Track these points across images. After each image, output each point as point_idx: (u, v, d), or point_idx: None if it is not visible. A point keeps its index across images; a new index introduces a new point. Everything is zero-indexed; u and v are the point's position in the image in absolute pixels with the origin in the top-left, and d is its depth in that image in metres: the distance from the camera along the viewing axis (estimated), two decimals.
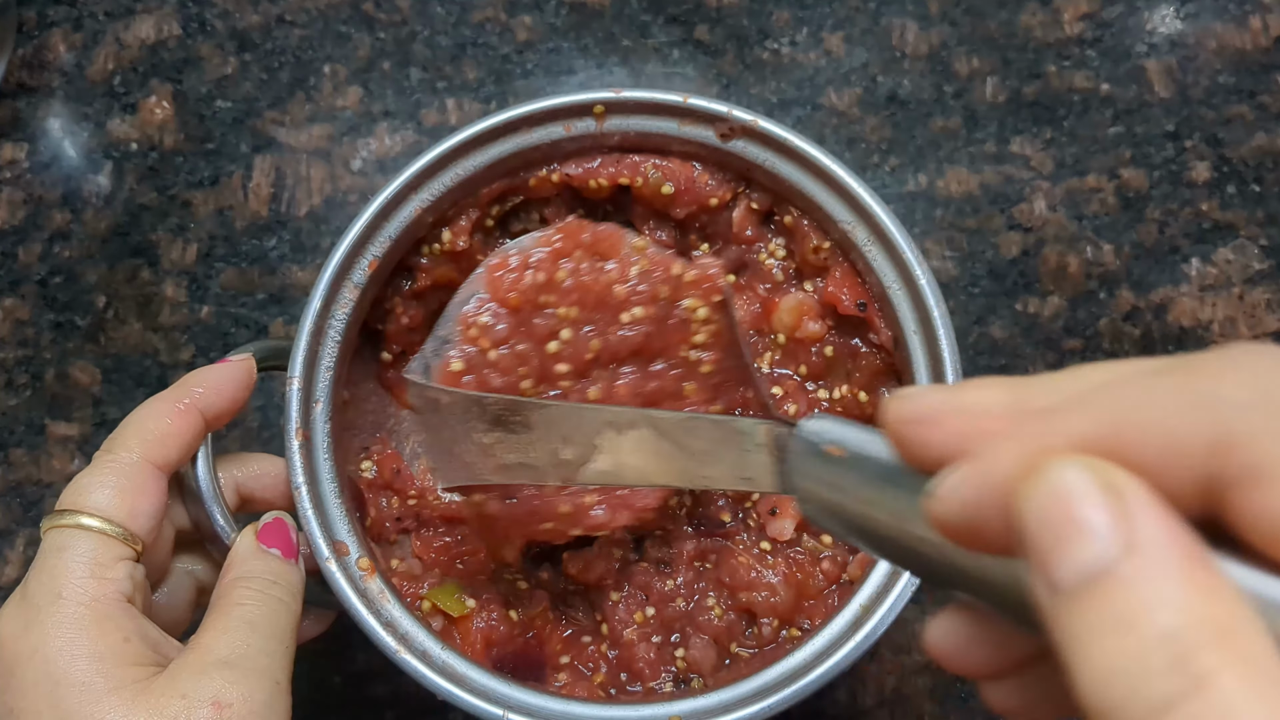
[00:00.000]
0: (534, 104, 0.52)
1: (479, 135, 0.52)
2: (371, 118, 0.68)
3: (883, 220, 0.51)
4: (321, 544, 0.48)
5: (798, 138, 0.52)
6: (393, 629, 0.48)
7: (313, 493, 0.49)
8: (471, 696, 0.46)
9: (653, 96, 0.52)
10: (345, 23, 0.70)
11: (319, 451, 0.50)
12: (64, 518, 0.42)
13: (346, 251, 0.51)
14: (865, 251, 0.51)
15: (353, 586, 0.48)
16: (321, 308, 0.51)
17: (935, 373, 0.50)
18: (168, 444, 0.44)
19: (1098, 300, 0.64)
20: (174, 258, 0.66)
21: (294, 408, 0.49)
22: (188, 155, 0.68)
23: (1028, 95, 0.67)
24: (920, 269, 0.50)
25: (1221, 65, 0.68)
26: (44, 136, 0.69)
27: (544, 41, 0.69)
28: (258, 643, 0.42)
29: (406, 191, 0.52)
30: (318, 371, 0.51)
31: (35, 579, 0.41)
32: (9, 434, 0.64)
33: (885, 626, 0.47)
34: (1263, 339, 0.64)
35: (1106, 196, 0.66)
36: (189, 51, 0.70)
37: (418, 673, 0.47)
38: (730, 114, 0.52)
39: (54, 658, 0.39)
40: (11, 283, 0.66)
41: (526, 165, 0.54)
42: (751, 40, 0.69)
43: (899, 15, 0.69)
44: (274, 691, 0.41)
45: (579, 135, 0.53)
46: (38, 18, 0.70)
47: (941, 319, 0.50)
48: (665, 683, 0.51)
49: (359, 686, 0.60)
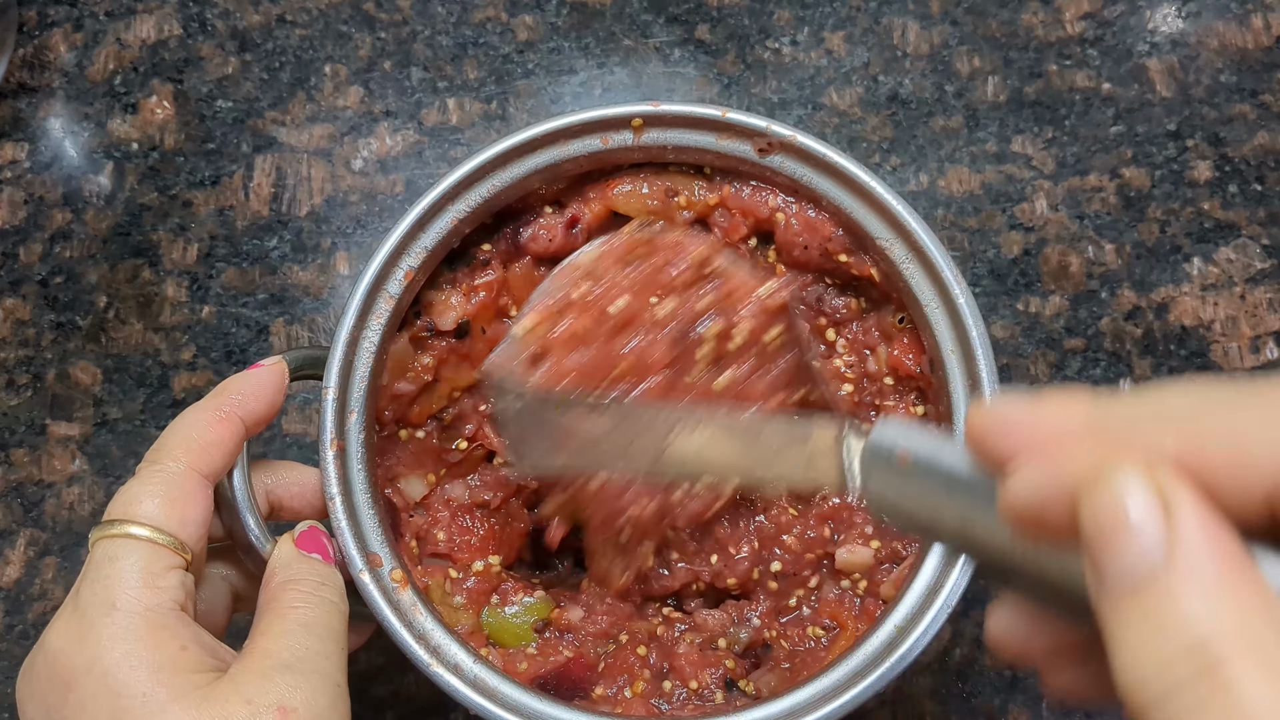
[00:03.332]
0: (572, 116, 0.52)
1: (517, 147, 0.52)
2: (372, 117, 0.68)
3: (921, 238, 0.50)
4: (355, 555, 0.48)
5: (837, 154, 0.51)
6: (425, 641, 0.47)
7: (347, 503, 0.49)
8: (504, 712, 0.46)
9: (691, 110, 0.52)
10: (346, 22, 0.70)
11: (353, 462, 0.50)
12: (114, 528, 0.42)
13: (383, 261, 0.51)
14: (903, 269, 0.51)
15: (385, 598, 0.48)
16: (357, 318, 0.50)
17: (972, 395, 0.49)
18: (212, 452, 0.44)
19: (1099, 299, 0.64)
20: (175, 258, 0.66)
21: (329, 418, 0.49)
22: (188, 155, 0.68)
23: (1029, 94, 0.67)
24: (959, 287, 0.49)
25: (1223, 64, 0.68)
26: (45, 136, 0.69)
27: (545, 41, 0.69)
28: (315, 645, 0.42)
29: (444, 202, 0.52)
30: (353, 381, 0.50)
31: (88, 590, 0.40)
32: (10, 434, 0.64)
33: (920, 649, 0.46)
34: (1264, 339, 0.64)
35: (1108, 196, 0.66)
36: (190, 51, 0.70)
37: (451, 687, 0.46)
38: (769, 129, 0.51)
39: (113, 670, 0.38)
40: (12, 283, 0.66)
41: (561, 178, 0.54)
42: (752, 40, 0.69)
43: (900, 14, 0.69)
44: (336, 694, 0.41)
45: (616, 148, 0.53)
46: (38, 17, 0.70)
47: (980, 338, 0.49)
48: (715, 690, 0.51)
49: (359, 686, 0.60)
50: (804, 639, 0.52)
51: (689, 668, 0.51)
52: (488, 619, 0.52)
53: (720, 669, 0.51)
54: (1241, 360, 0.63)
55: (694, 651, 0.51)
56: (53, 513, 0.63)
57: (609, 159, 0.54)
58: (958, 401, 0.50)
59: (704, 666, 0.51)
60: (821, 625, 0.52)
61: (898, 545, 0.52)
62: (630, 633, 0.52)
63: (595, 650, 0.52)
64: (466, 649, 0.48)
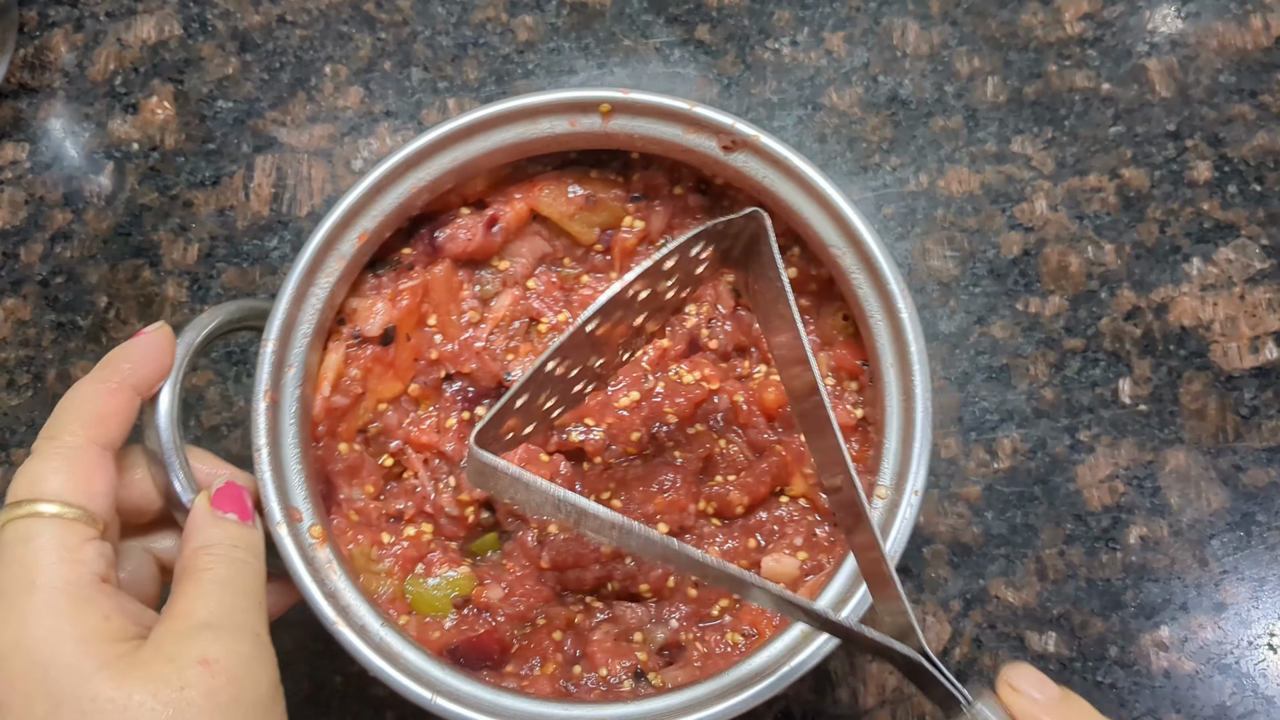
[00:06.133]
0: (540, 96, 0.52)
1: (482, 121, 0.52)
2: (373, 118, 0.68)
3: (873, 249, 0.50)
4: (275, 508, 0.48)
5: (797, 157, 0.51)
6: (335, 600, 0.47)
7: (274, 455, 0.49)
8: (403, 677, 0.46)
9: (659, 101, 0.52)
10: (346, 23, 0.70)
11: (286, 416, 0.50)
12: (21, 508, 0.42)
13: (337, 221, 0.51)
14: (852, 278, 0.51)
15: (300, 553, 0.47)
16: (305, 273, 0.50)
17: (906, 408, 0.49)
18: (108, 423, 0.45)
19: (1099, 300, 0.64)
20: (175, 258, 0.66)
21: (265, 370, 0.49)
22: (189, 155, 0.68)
23: (1029, 95, 0.67)
24: (903, 302, 0.50)
25: (1222, 64, 0.68)
26: (45, 137, 0.69)
27: (545, 41, 0.69)
28: (231, 600, 0.43)
29: (404, 169, 0.52)
30: (294, 337, 0.50)
31: (5, 573, 0.41)
32: (10, 434, 0.64)
33: (821, 655, 0.46)
34: (1264, 339, 0.64)
35: (1107, 196, 0.66)
36: (190, 52, 0.70)
37: (352, 646, 0.46)
38: (735, 127, 0.51)
39: (38, 646, 0.39)
40: (13, 283, 0.66)
41: (525, 157, 0.54)
42: (752, 40, 0.69)
43: (900, 15, 0.69)
44: (256, 643, 0.42)
45: (584, 132, 0.53)
46: (39, 18, 0.71)
47: (918, 355, 0.49)
48: (624, 679, 0.51)
49: (359, 686, 0.60)
50: (722, 643, 0.52)
51: (601, 655, 0.51)
52: (409, 587, 0.52)
53: (632, 660, 0.51)
54: (1241, 361, 0.63)
55: (609, 640, 0.51)
56: None
57: (570, 143, 0.53)
58: (891, 414, 0.50)
59: (617, 657, 0.51)
60: (741, 632, 0.52)
61: (823, 557, 0.53)
62: (548, 617, 0.52)
63: (512, 632, 0.52)
64: (376, 612, 0.48)
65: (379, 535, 0.53)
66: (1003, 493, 0.62)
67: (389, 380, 0.54)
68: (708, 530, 0.53)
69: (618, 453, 0.54)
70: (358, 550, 0.52)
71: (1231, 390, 0.63)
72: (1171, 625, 0.60)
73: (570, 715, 0.46)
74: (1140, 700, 0.59)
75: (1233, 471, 0.62)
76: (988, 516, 0.62)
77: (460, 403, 0.55)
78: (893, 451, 0.49)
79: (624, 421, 0.53)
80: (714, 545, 0.53)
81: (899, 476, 0.49)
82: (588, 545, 0.51)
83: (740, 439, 0.55)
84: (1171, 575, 0.61)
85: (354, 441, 0.54)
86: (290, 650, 0.61)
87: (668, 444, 0.54)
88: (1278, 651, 0.60)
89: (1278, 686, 0.59)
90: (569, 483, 0.53)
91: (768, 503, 0.54)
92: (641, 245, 0.57)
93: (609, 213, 0.56)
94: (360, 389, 0.53)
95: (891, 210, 0.66)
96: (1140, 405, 0.63)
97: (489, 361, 0.55)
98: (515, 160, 0.54)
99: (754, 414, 0.55)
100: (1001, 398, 0.63)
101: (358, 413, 0.54)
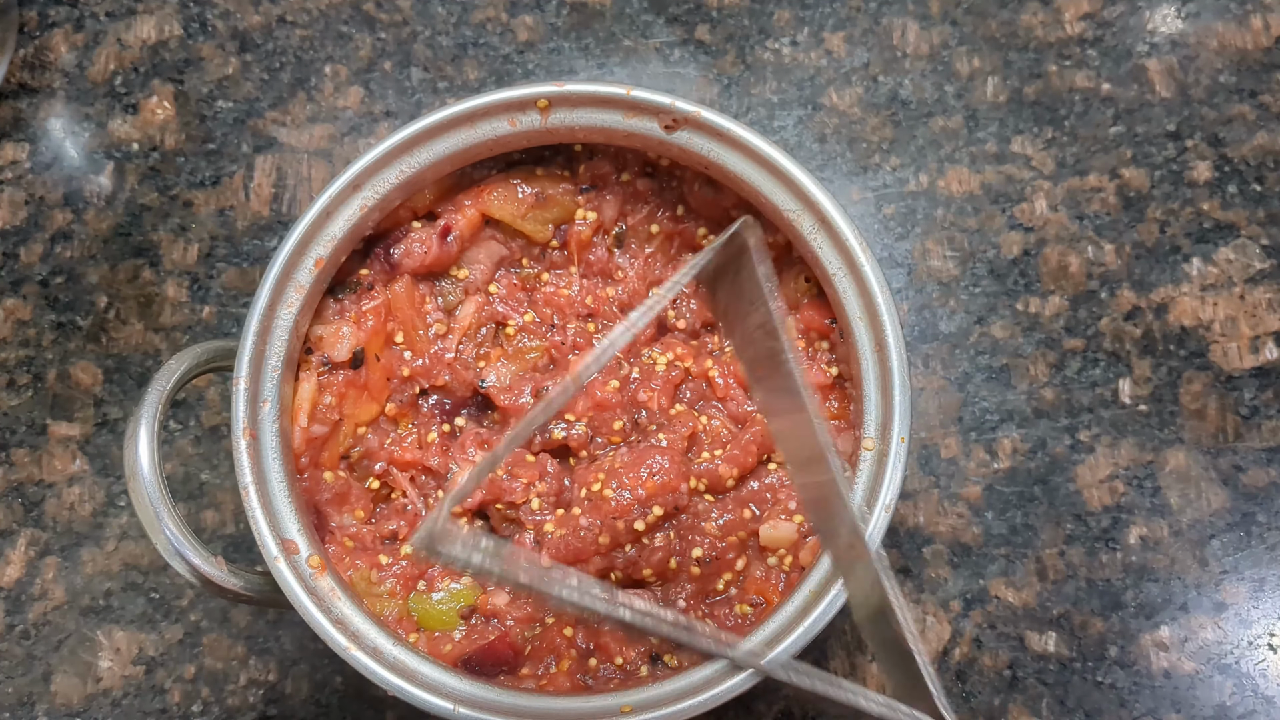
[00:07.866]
0: (476, 99, 0.52)
1: (421, 132, 0.52)
2: (373, 118, 0.68)
3: (826, 208, 0.51)
4: (270, 543, 0.48)
5: (740, 127, 0.51)
6: (344, 627, 0.48)
7: (261, 491, 0.49)
8: (423, 692, 0.46)
9: (596, 90, 0.52)
10: (346, 23, 0.70)
11: (267, 451, 0.50)
12: None
13: (290, 251, 0.51)
14: (811, 240, 0.51)
15: (302, 584, 0.48)
16: (267, 307, 0.51)
17: (880, 358, 0.50)
18: None
19: (1099, 300, 0.64)
20: (175, 258, 0.66)
21: (241, 407, 0.49)
22: (189, 155, 0.68)
23: (1029, 95, 0.68)
24: (864, 255, 0.50)
25: (1222, 65, 0.68)
26: (45, 137, 0.69)
27: (545, 41, 0.69)
28: None
29: (349, 191, 0.52)
30: (265, 371, 0.51)
31: None
32: (10, 434, 0.64)
33: (834, 612, 0.47)
34: (1264, 339, 0.64)
35: (1107, 196, 0.66)
36: (190, 52, 0.70)
37: (369, 670, 0.47)
38: (674, 105, 0.52)
39: None
40: (13, 283, 0.66)
41: (470, 163, 0.54)
42: (752, 40, 0.69)
43: (900, 15, 0.69)
44: None
45: (525, 130, 0.53)
46: (39, 18, 0.71)
47: (885, 304, 0.50)
48: (640, 664, 0.51)
49: (359, 686, 0.60)
50: (731, 616, 0.52)
51: (615, 644, 0.51)
52: (414, 605, 0.52)
53: (646, 645, 0.51)
54: (1241, 361, 0.63)
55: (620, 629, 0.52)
56: (53, 513, 0.63)
57: (512, 143, 0.54)
58: (866, 366, 0.50)
59: (630, 644, 0.51)
60: (749, 602, 0.52)
61: None
62: (557, 615, 0.53)
63: (523, 634, 0.52)
64: (387, 633, 0.48)
65: (376, 558, 0.53)
66: (1003, 493, 0.62)
67: (364, 403, 0.54)
68: (702, 507, 0.54)
69: (602, 444, 0.54)
70: (357, 575, 0.52)
71: (1231, 390, 0.63)
72: (1171, 625, 0.60)
73: (593, 706, 0.47)
74: (1140, 700, 0.59)
75: (1233, 472, 0.62)
76: (988, 516, 0.62)
77: (438, 416, 0.56)
78: (874, 402, 0.50)
79: (605, 412, 0.54)
80: (710, 521, 0.53)
81: (883, 426, 0.49)
82: (585, 539, 0.52)
83: (721, 413, 0.55)
84: (1171, 575, 0.61)
85: (338, 468, 0.54)
86: (290, 650, 0.61)
87: (650, 428, 0.54)
88: (1278, 651, 0.60)
89: (1278, 686, 0.59)
90: (558, 480, 0.54)
91: (756, 472, 0.55)
92: (596, 235, 0.57)
93: (560, 208, 0.57)
94: (337, 415, 0.53)
95: (891, 210, 0.66)
96: (1140, 405, 0.63)
97: (461, 371, 0.55)
98: (460, 167, 0.55)
99: (731, 386, 0.55)
100: (1001, 398, 0.63)
101: (338, 439, 0.54)
